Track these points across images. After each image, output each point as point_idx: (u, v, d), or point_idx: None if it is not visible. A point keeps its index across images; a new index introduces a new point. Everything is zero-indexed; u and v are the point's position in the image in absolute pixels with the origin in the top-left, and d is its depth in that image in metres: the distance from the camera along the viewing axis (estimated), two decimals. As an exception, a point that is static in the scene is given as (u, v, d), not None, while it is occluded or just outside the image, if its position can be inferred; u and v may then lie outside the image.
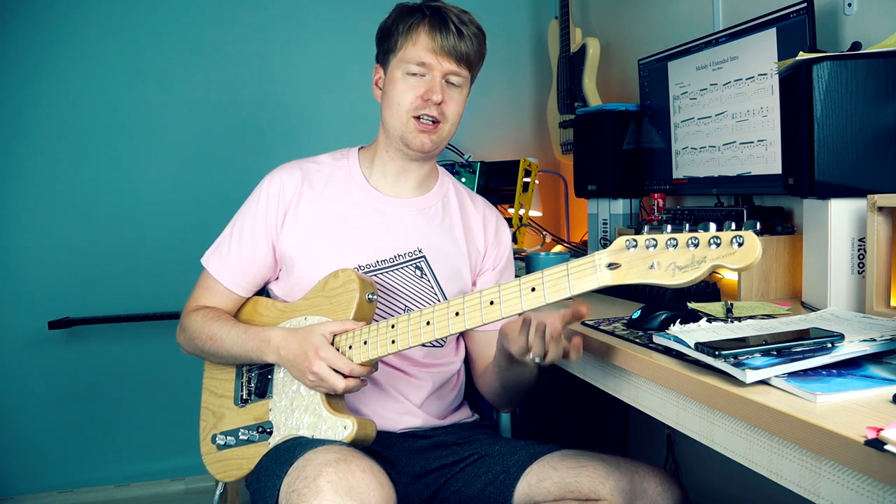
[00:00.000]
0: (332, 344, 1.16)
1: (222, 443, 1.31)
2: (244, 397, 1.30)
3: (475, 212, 1.43)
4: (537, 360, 1.05)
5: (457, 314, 1.06)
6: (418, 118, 1.27)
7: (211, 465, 1.33)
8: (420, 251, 1.33)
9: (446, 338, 1.36)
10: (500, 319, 1.03)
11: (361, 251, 1.30)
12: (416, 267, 1.32)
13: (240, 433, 1.28)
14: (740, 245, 0.80)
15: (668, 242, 0.85)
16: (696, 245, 0.83)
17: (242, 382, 1.32)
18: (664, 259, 0.85)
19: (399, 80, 1.28)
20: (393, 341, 1.12)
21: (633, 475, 1.14)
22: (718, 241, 0.81)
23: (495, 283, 1.08)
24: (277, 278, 1.37)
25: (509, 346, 1.10)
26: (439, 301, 1.32)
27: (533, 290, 0.98)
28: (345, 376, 1.14)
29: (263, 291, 1.41)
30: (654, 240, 0.86)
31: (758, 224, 0.82)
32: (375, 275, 1.29)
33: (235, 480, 1.28)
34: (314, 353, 1.14)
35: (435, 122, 1.28)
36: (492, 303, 1.02)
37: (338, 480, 0.95)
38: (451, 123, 1.31)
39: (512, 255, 1.47)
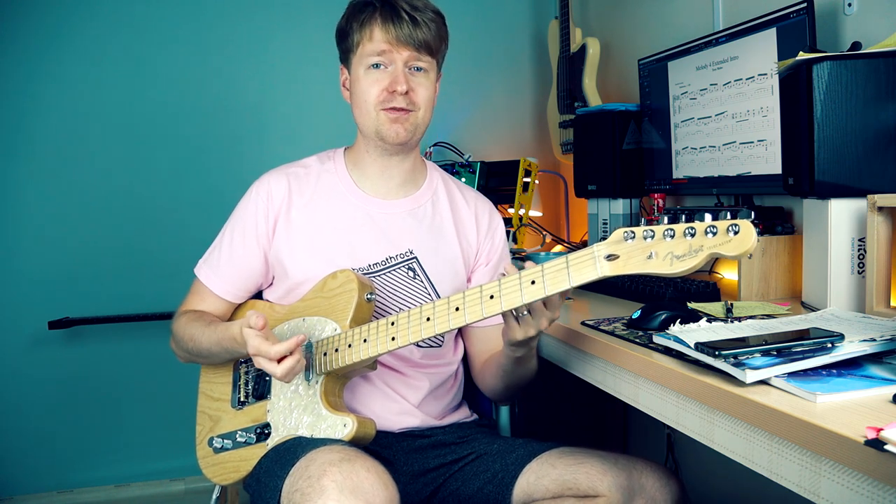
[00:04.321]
0: (327, 345, 1.17)
1: (219, 446, 1.30)
2: (241, 399, 1.30)
3: (466, 207, 1.42)
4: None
5: (457, 309, 1.06)
6: (387, 109, 1.27)
7: (207, 468, 1.32)
8: (411, 252, 1.33)
9: (444, 337, 1.36)
10: (500, 313, 1.03)
11: (353, 256, 1.30)
12: (409, 268, 1.32)
13: (237, 435, 1.28)
14: (736, 233, 0.81)
15: (666, 233, 0.86)
16: (693, 235, 0.84)
17: (240, 385, 1.31)
18: (662, 249, 0.86)
19: (362, 77, 1.28)
20: (393, 338, 1.12)
21: (632, 471, 1.14)
22: (715, 230, 0.83)
23: (490, 278, 1.06)
24: (271, 284, 1.37)
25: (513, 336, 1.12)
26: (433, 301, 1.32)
27: (533, 282, 0.98)
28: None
29: (260, 297, 1.40)
30: (652, 231, 0.87)
31: (752, 213, 0.83)
32: (368, 278, 1.29)
33: (233, 483, 1.28)
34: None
35: (406, 111, 1.27)
36: (492, 297, 1.02)
37: (342, 480, 0.95)
38: (424, 109, 1.30)
39: (507, 248, 1.46)
